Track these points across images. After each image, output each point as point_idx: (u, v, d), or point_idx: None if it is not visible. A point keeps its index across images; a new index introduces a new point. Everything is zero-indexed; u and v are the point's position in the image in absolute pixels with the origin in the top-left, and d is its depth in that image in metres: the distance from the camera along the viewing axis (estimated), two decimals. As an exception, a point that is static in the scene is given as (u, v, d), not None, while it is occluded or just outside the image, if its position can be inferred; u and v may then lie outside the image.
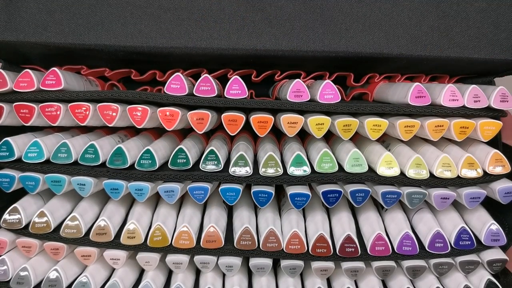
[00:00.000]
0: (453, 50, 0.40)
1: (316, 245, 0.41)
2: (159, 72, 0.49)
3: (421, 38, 0.40)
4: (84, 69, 0.48)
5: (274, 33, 0.40)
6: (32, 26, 0.39)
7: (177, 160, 0.39)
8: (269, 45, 0.40)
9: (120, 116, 0.38)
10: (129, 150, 0.39)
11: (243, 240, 0.41)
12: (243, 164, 0.39)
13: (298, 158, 0.39)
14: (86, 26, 0.39)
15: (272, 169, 0.39)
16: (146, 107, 0.38)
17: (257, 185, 0.41)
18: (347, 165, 0.39)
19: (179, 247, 0.41)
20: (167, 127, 0.38)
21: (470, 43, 0.40)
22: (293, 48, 0.40)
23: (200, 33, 0.40)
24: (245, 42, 0.40)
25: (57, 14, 0.39)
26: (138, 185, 0.40)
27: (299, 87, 0.38)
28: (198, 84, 0.38)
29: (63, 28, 0.39)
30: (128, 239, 0.41)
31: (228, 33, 0.40)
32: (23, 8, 0.39)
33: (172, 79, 0.38)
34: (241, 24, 0.40)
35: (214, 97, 0.38)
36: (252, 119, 0.39)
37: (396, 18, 0.40)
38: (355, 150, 0.39)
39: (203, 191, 0.40)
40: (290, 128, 0.39)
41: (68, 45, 0.40)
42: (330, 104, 0.38)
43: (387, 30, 0.40)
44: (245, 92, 0.38)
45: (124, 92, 0.38)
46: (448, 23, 0.40)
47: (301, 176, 0.39)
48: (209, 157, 0.39)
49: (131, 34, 0.39)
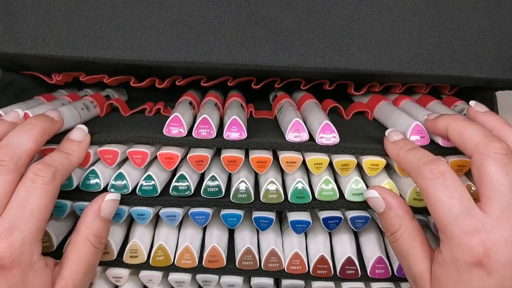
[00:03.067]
0: (455, 69, 0.39)
1: (317, 266, 0.42)
2: (158, 80, 0.48)
3: (423, 55, 0.39)
4: (82, 76, 0.47)
5: (275, 49, 0.39)
6: (31, 38, 0.39)
7: (178, 187, 0.39)
8: (269, 61, 0.39)
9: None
10: (129, 174, 0.39)
11: (245, 260, 0.42)
12: (244, 191, 0.39)
13: (299, 186, 0.39)
14: (85, 39, 0.39)
15: (274, 195, 0.39)
16: (146, 150, 0.38)
17: (258, 211, 0.41)
18: (347, 193, 0.39)
19: (181, 266, 0.42)
20: (168, 168, 0.39)
21: (472, 62, 0.39)
22: (293, 65, 0.39)
23: (200, 48, 0.39)
24: (245, 57, 0.39)
25: (56, 26, 0.39)
26: (140, 210, 0.40)
27: (298, 127, 0.38)
28: (197, 127, 0.37)
29: (62, 40, 0.39)
30: (130, 258, 0.42)
31: (228, 48, 0.39)
32: (21, 19, 0.39)
33: (171, 120, 0.38)
34: (241, 39, 0.39)
35: (213, 139, 0.38)
36: (251, 159, 0.39)
37: (397, 35, 0.39)
38: (356, 178, 0.39)
39: (204, 216, 0.40)
40: (289, 166, 0.39)
41: (66, 58, 0.39)
42: (329, 146, 0.38)
43: (388, 47, 0.39)
44: (244, 133, 0.38)
45: (120, 136, 0.39)
46: (450, 40, 0.39)
47: (302, 204, 0.39)
48: (210, 184, 0.39)
49: (130, 48, 0.39)
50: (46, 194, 0.32)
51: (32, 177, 0.31)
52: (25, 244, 0.30)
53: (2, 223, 0.29)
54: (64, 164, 0.34)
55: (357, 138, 0.40)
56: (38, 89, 0.51)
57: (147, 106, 0.47)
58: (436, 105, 0.46)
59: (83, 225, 0.35)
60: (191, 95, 0.47)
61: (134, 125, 0.42)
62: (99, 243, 0.35)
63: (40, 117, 0.36)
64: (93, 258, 0.35)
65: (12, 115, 0.36)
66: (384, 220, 0.36)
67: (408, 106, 0.45)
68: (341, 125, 0.43)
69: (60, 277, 0.33)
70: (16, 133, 0.33)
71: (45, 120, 0.35)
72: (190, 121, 0.40)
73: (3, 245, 0.29)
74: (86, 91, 0.53)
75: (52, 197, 0.32)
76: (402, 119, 0.40)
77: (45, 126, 0.35)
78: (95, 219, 0.35)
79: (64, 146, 0.36)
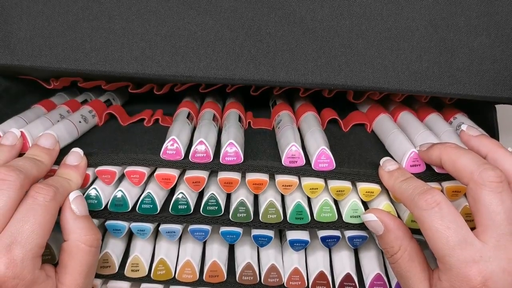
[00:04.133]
0: (454, 87, 0.39)
1: (316, 282, 0.42)
2: (156, 86, 0.48)
3: (422, 73, 0.38)
4: (80, 81, 0.47)
5: (272, 64, 0.39)
6: (27, 50, 0.39)
7: (177, 207, 0.39)
8: (266, 76, 0.39)
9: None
10: (129, 191, 0.39)
11: (245, 275, 0.42)
12: (243, 211, 0.39)
13: (298, 207, 0.39)
14: (82, 52, 0.39)
15: (273, 215, 0.39)
16: (143, 170, 0.38)
17: (257, 229, 0.41)
18: (345, 216, 0.39)
19: (182, 280, 0.42)
20: (165, 188, 0.39)
21: (472, 80, 0.39)
22: (291, 80, 0.39)
23: (197, 62, 0.39)
24: (243, 72, 0.39)
25: (52, 38, 0.38)
26: (140, 226, 0.40)
27: (294, 154, 0.37)
28: (194, 151, 0.37)
29: (58, 53, 0.38)
30: (132, 272, 0.42)
31: (226, 62, 0.38)
32: (18, 31, 0.38)
33: (168, 144, 0.38)
34: (239, 53, 0.38)
35: (210, 162, 0.38)
36: (248, 181, 0.39)
37: (396, 52, 0.38)
38: (354, 201, 0.39)
39: (204, 232, 0.41)
40: (285, 189, 0.39)
41: (63, 70, 0.39)
42: (325, 172, 0.38)
43: (387, 64, 0.38)
44: (240, 158, 0.37)
45: (117, 159, 0.39)
46: (450, 58, 0.38)
47: (301, 224, 0.39)
48: (209, 202, 0.39)
49: (127, 61, 0.38)
50: (47, 211, 0.32)
51: (34, 194, 0.32)
52: (26, 260, 0.30)
53: (3, 239, 0.30)
54: (64, 186, 0.35)
55: (354, 160, 0.40)
56: (36, 93, 0.51)
57: (145, 116, 0.47)
58: (434, 119, 0.45)
59: (69, 233, 0.34)
60: (189, 104, 0.47)
61: (131, 141, 0.42)
62: (93, 241, 0.35)
63: (43, 151, 0.37)
64: (91, 259, 0.35)
65: (11, 138, 0.37)
66: (383, 242, 0.36)
67: (406, 120, 0.45)
68: (339, 141, 0.44)
69: (62, 284, 0.33)
70: (22, 159, 0.34)
71: (48, 158, 0.36)
72: (187, 140, 0.40)
73: (4, 260, 0.29)
74: (87, 94, 0.53)
75: (53, 215, 0.33)
76: (399, 142, 0.40)
77: (47, 162, 0.36)
78: (75, 221, 0.34)
79: (62, 172, 0.37)
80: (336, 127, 0.47)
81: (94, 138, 0.44)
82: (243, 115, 0.47)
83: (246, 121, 0.46)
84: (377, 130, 0.46)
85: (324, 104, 0.51)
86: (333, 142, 0.42)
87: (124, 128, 0.46)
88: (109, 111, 0.48)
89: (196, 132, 0.40)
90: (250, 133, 0.44)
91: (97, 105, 0.48)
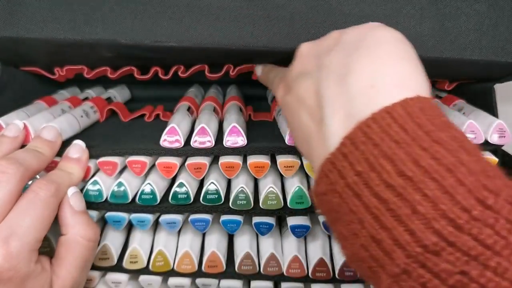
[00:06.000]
0: (454, 52, 0.39)
1: (316, 269, 0.42)
2: (161, 70, 0.47)
3: (421, 39, 0.39)
4: (86, 71, 0.46)
5: (275, 32, 0.39)
6: (33, 22, 0.38)
7: (177, 196, 0.39)
8: (270, 43, 0.39)
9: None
10: (129, 182, 0.39)
11: (244, 264, 0.42)
12: (243, 198, 0.39)
13: (298, 191, 0.39)
14: (86, 22, 0.38)
15: (273, 201, 0.39)
16: (145, 159, 0.38)
17: (258, 216, 0.41)
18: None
19: (181, 271, 0.42)
20: (167, 177, 0.39)
21: (470, 45, 0.39)
22: (294, 47, 0.39)
23: (201, 30, 0.38)
24: (246, 39, 0.38)
25: (57, 10, 0.38)
26: (140, 217, 0.40)
27: None
28: (195, 137, 0.37)
29: (64, 24, 0.38)
30: (130, 264, 0.42)
31: (229, 30, 0.38)
32: (24, 4, 0.38)
33: (168, 132, 0.38)
34: (242, 21, 0.38)
35: (212, 147, 0.38)
36: (249, 164, 0.39)
37: (395, 20, 0.39)
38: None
39: (204, 222, 0.41)
40: (287, 171, 0.39)
41: (68, 41, 0.38)
42: None
43: None
44: (244, 141, 0.37)
45: (118, 149, 0.39)
46: (448, 25, 0.39)
47: (302, 209, 0.39)
48: (209, 191, 0.39)
49: (131, 31, 0.38)
50: (47, 206, 0.32)
51: (35, 189, 0.32)
52: (23, 253, 0.30)
53: (1, 231, 0.29)
54: (66, 182, 0.35)
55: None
56: (39, 87, 0.50)
57: (146, 111, 0.47)
58: None
59: (68, 228, 0.34)
60: (189, 99, 0.47)
61: (132, 134, 0.42)
62: (91, 235, 0.35)
63: (45, 144, 0.36)
64: (89, 253, 0.35)
65: (13, 130, 0.36)
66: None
67: None
68: None
69: (57, 277, 0.33)
70: (24, 151, 0.34)
71: (49, 150, 0.36)
72: (187, 129, 0.40)
73: (1, 252, 0.29)
74: (88, 93, 0.52)
75: (52, 210, 0.33)
76: None
77: (48, 155, 0.36)
78: (74, 216, 0.34)
79: (64, 165, 0.36)
80: None
81: (95, 132, 0.43)
82: (244, 107, 0.47)
83: (246, 113, 0.47)
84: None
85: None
86: None
87: (125, 124, 0.46)
88: (111, 107, 0.47)
89: (197, 121, 0.40)
90: (250, 124, 0.45)
91: (98, 101, 0.48)
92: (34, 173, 0.34)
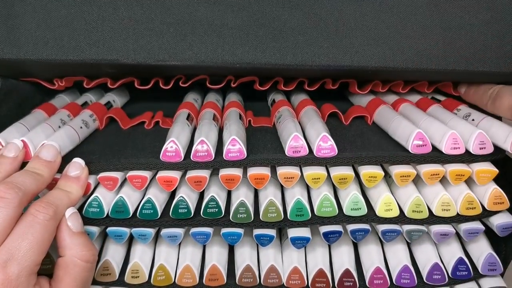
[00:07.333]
0: (459, 63, 0.40)
1: (315, 280, 0.42)
2: (161, 80, 0.48)
3: (427, 51, 0.39)
4: (85, 81, 0.46)
5: (279, 48, 0.39)
6: (32, 43, 0.38)
7: (178, 211, 0.39)
8: (273, 60, 0.39)
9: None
10: (130, 196, 0.39)
11: (245, 277, 0.42)
12: (243, 211, 0.39)
13: (298, 204, 0.39)
14: (87, 42, 0.38)
15: (273, 214, 0.39)
16: (145, 174, 0.38)
17: (258, 228, 0.41)
18: (346, 208, 0.40)
19: (182, 285, 0.42)
20: (167, 190, 0.39)
21: (476, 56, 0.40)
22: (298, 63, 0.39)
23: (204, 48, 0.39)
24: (250, 56, 0.39)
25: (57, 30, 0.38)
26: (141, 231, 0.40)
27: (297, 143, 0.38)
28: (195, 151, 0.38)
29: (64, 44, 0.38)
30: (132, 279, 0.42)
31: (232, 47, 0.39)
32: (22, 24, 0.38)
33: (167, 146, 0.38)
34: (245, 39, 0.39)
35: (212, 161, 0.38)
36: (249, 176, 0.39)
37: (400, 32, 0.39)
38: (354, 193, 0.40)
39: (205, 235, 0.41)
40: (286, 182, 0.39)
41: (69, 62, 0.38)
42: (327, 158, 0.38)
43: (392, 43, 0.39)
44: (243, 154, 0.38)
45: (119, 165, 0.39)
46: (453, 35, 0.39)
47: (302, 221, 0.40)
48: (209, 205, 0.39)
49: (133, 50, 0.38)
50: (46, 229, 0.32)
51: (34, 212, 0.32)
52: (21, 277, 0.30)
53: (0, 255, 0.30)
54: (64, 202, 0.35)
55: (355, 146, 0.40)
56: (39, 95, 0.50)
57: (145, 119, 0.47)
58: (437, 109, 0.46)
59: (65, 249, 0.34)
60: (189, 105, 0.47)
61: (133, 144, 0.42)
62: (89, 256, 0.35)
63: (44, 165, 0.36)
64: (87, 274, 0.35)
65: (13, 150, 0.37)
66: None
67: (409, 110, 0.46)
68: (340, 132, 0.44)
69: None
70: (22, 174, 0.34)
71: (48, 171, 0.36)
72: (187, 141, 0.40)
73: None
74: (87, 96, 0.52)
75: (51, 233, 0.33)
76: (403, 126, 0.41)
77: (47, 176, 0.36)
78: (72, 238, 0.34)
79: (63, 184, 0.37)
80: (337, 121, 0.48)
81: (95, 143, 0.44)
82: (243, 113, 0.48)
83: (246, 119, 0.47)
84: (379, 120, 0.46)
85: (323, 98, 0.52)
86: (334, 133, 0.42)
87: (125, 132, 0.46)
88: (110, 114, 0.47)
89: (197, 132, 0.41)
90: (250, 131, 0.45)
91: (97, 108, 0.48)
92: (33, 196, 0.34)
